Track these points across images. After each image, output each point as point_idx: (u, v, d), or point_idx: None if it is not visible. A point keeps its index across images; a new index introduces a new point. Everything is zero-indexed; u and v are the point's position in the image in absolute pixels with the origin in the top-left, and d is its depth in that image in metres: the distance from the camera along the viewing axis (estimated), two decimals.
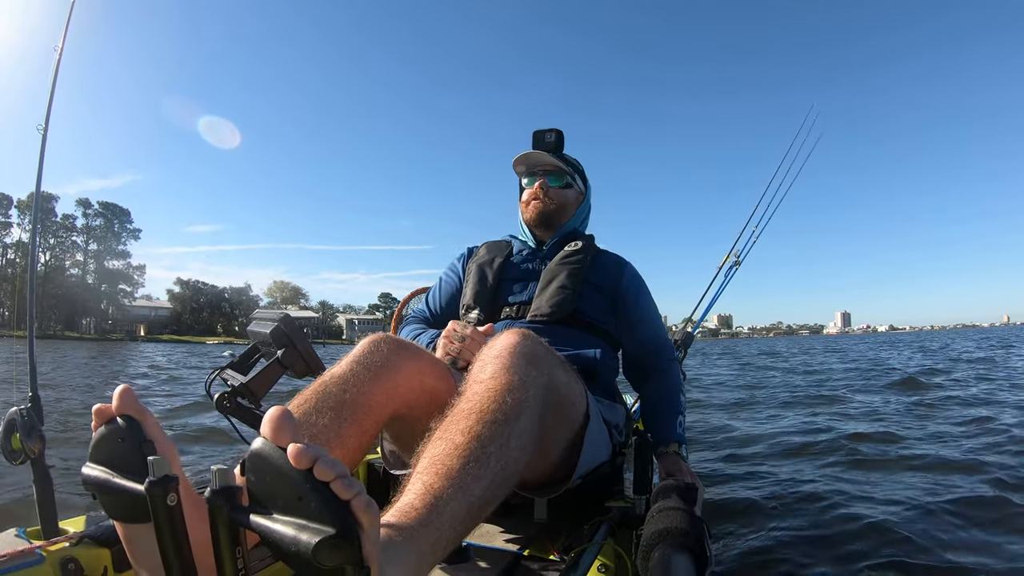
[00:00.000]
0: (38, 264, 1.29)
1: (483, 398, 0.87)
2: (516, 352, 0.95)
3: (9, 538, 0.94)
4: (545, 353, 1.01)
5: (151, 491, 0.61)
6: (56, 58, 1.25)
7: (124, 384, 0.72)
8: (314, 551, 0.52)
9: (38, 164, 1.20)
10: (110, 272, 64.17)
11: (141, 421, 0.70)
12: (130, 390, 0.71)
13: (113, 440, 0.70)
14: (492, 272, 1.55)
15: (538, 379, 0.94)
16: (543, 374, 0.96)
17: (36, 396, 1.05)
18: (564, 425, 1.10)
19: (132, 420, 0.70)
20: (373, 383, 0.97)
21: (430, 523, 0.70)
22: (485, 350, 0.99)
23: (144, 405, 0.73)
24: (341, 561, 0.53)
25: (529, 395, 0.90)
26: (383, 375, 0.98)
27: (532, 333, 1.02)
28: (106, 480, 0.69)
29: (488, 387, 0.89)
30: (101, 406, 0.71)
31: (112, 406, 0.71)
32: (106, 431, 0.71)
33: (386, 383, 0.98)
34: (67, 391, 6.66)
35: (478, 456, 0.79)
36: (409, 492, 0.74)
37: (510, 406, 0.86)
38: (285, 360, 1.27)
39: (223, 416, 1.25)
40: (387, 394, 0.98)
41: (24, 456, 0.98)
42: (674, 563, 0.85)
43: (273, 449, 0.56)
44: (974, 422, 4.08)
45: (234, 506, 0.58)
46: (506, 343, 0.97)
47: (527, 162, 1.61)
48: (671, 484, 1.05)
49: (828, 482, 2.70)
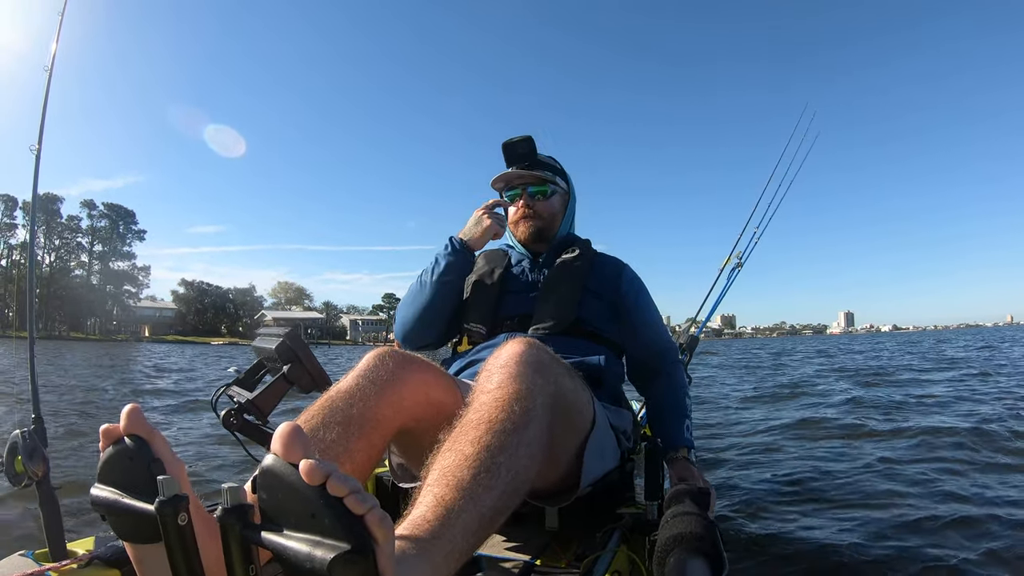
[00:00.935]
0: (43, 265, 1.29)
1: (491, 408, 0.86)
2: (522, 361, 0.95)
3: (17, 561, 0.93)
4: (551, 361, 1.00)
5: (161, 511, 0.61)
6: (46, 78, 1.26)
7: (132, 403, 0.72)
8: (329, 567, 0.52)
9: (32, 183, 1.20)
10: (115, 273, 64.37)
11: (149, 441, 0.70)
12: (138, 409, 0.71)
13: (121, 460, 0.69)
14: (492, 285, 1.53)
15: (545, 387, 0.94)
16: (550, 382, 0.96)
17: (39, 418, 1.05)
18: (572, 432, 1.09)
19: (140, 440, 0.69)
20: (379, 397, 0.96)
21: (443, 535, 0.69)
22: (491, 360, 0.98)
23: (152, 425, 0.72)
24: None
25: (537, 403, 0.90)
26: (389, 389, 0.97)
27: (537, 341, 1.02)
28: (115, 501, 0.69)
29: (496, 397, 0.88)
30: (108, 426, 0.71)
31: (120, 426, 0.70)
32: (114, 451, 0.70)
33: (392, 397, 0.97)
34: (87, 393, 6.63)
35: (488, 466, 0.78)
36: (420, 505, 0.74)
37: (518, 415, 0.86)
38: (291, 376, 1.26)
39: (230, 433, 1.24)
40: (394, 408, 0.97)
41: (28, 479, 0.97)
42: (690, 568, 0.84)
43: (285, 466, 0.56)
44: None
45: (246, 524, 0.58)
46: (512, 352, 0.97)
47: (505, 179, 1.59)
48: (684, 489, 1.04)
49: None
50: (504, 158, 1.56)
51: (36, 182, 1.23)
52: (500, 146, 1.55)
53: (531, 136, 1.54)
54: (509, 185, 1.60)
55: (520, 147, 1.53)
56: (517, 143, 1.53)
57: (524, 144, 1.53)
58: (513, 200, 1.60)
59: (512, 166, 1.56)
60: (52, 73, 1.30)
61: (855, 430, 4.03)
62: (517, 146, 1.53)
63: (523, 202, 1.57)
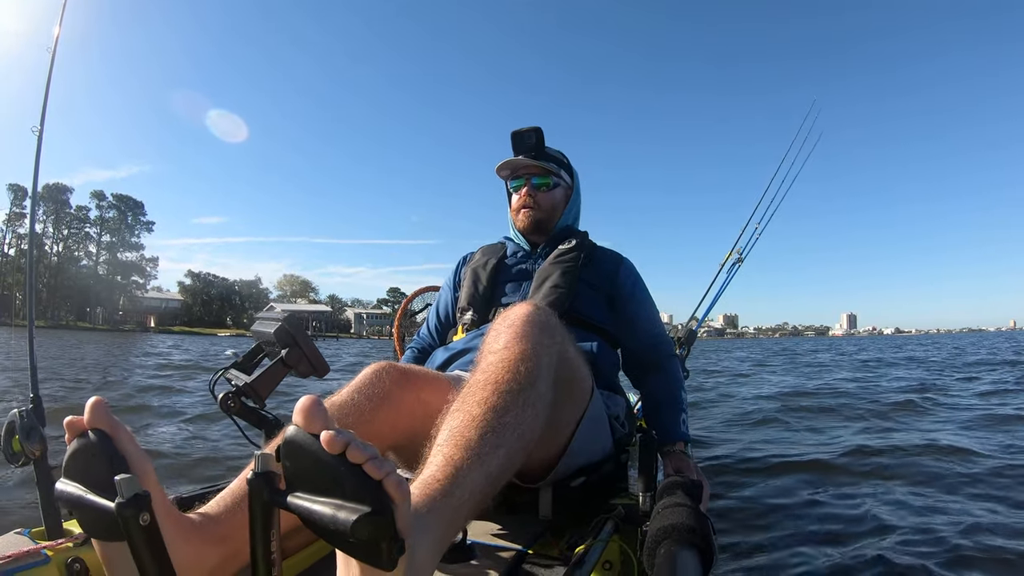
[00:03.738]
0: (51, 256, 1.30)
1: (498, 368, 0.88)
2: (529, 321, 0.96)
3: (14, 539, 0.94)
4: (558, 324, 1.01)
5: (122, 512, 0.60)
6: (49, 58, 1.26)
7: (96, 396, 0.70)
8: (352, 528, 0.55)
9: (34, 166, 1.20)
10: (123, 264, 64.94)
11: (112, 435, 0.69)
12: (102, 402, 0.70)
13: (85, 455, 0.68)
14: (486, 274, 1.55)
15: (551, 347, 0.95)
16: (556, 342, 0.97)
17: (37, 397, 1.05)
18: (571, 402, 1.11)
19: (103, 434, 0.68)
20: (374, 414, 0.97)
21: (452, 493, 0.72)
22: (498, 320, 1.00)
23: (117, 418, 0.70)
24: (378, 535, 0.56)
25: (543, 363, 0.92)
26: (384, 407, 0.99)
27: (544, 305, 1.03)
28: (79, 497, 0.67)
29: (502, 357, 0.90)
30: (72, 419, 0.70)
31: (83, 419, 0.69)
32: (78, 445, 0.69)
33: (388, 414, 0.99)
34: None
35: (495, 427, 0.81)
36: (431, 465, 0.76)
37: (523, 375, 0.88)
38: (289, 360, 1.27)
39: (227, 416, 1.25)
40: (389, 425, 0.99)
41: (25, 458, 0.98)
42: (680, 559, 0.84)
43: (306, 436, 0.59)
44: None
45: (273, 489, 0.61)
46: (519, 312, 0.98)
47: (510, 166, 1.60)
48: (677, 481, 1.04)
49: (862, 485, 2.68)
50: (512, 146, 1.57)
51: (38, 162, 1.23)
52: (509, 135, 1.56)
53: (540, 128, 1.55)
54: (514, 174, 1.62)
55: (528, 137, 1.55)
56: (526, 133, 1.55)
57: (532, 134, 1.55)
58: (516, 189, 1.61)
59: (519, 155, 1.57)
60: (55, 53, 1.30)
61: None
62: (525, 136, 1.55)
63: (526, 191, 1.58)
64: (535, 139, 1.55)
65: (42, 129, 1.23)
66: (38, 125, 1.23)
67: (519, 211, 1.60)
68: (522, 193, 1.59)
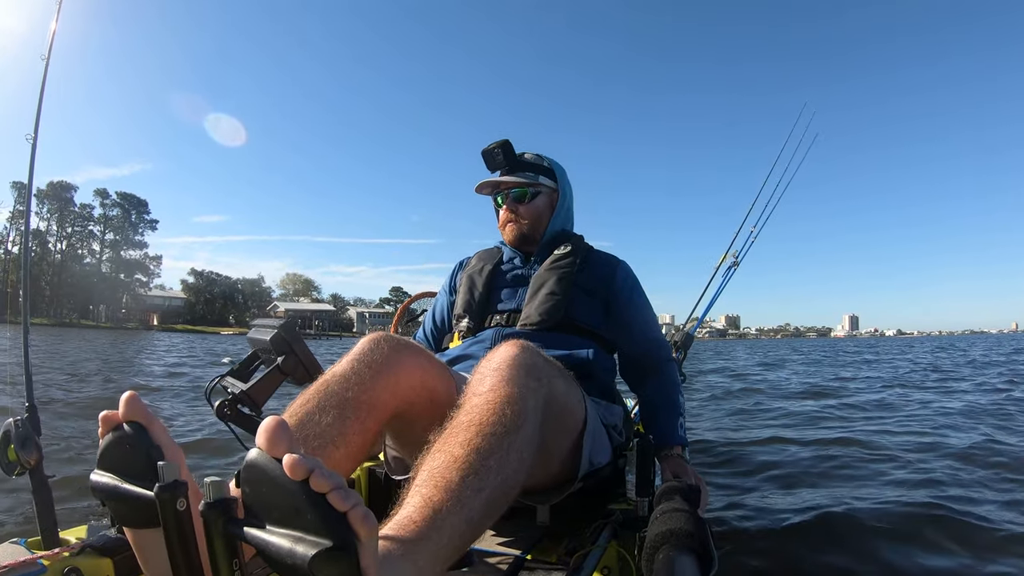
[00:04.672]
0: (55, 253, 1.30)
1: (483, 411, 0.86)
2: (515, 364, 0.94)
3: (10, 549, 0.94)
4: (544, 364, 1.00)
5: (161, 496, 0.61)
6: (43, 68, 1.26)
7: (130, 391, 0.72)
8: (311, 564, 0.51)
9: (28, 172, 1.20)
10: (127, 262, 64.78)
11: (148, 427, 0.71)
12: (136, 396, 0.71)
13: (121, 447, 0.70)
14: (481, 281, 1.55)
15: (538, 391, 0.94)
16: (543, 385, 0.96)
17: (33, 406, 1.05)
18: (564, 433, 1.10)
19: (139, 426, 0.70)
20: (375, 380, 0.96)
21: (429, 537, 0.69)
22: (483, 363, 0.98)
23: (151, 411, 0.73)
24: (338, 574, 0.52)
25: (528, 407, 0.90)
26: (384, 372, 0.98)
27: (531, 344, 1.02)
28: (115, 487, 0.70)
29: (487, 400, 0.88)
30: (108, 413, 0.72)
31: (119, 413, 0.71)
32: (113, 438, 0.71)
33: (387, 380, 0.98)
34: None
35: (477, 469, 0.78)
36: (408, 505, 0.73)
37: (509, 419, 0.85)
38: (285, 367, 1.27)
39: (223, 424, 1.25)
40: (389, 391, 0.98)
41: (21, 467, 0.97)
42: (678, 565, 0.84)
43: (268, 460, 0.55)
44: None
45: (230, 519, 0.58)
46: (505, 355, 0.96)
47: (488, 186, 1.60)
48: (675, 486, 1.04)
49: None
50: (485, 165, 1.57)
51: (32, 171, 1.23)
52: (509, 136, 1.56)
53: (508, 140, 1.54)
54: (494, 191, 1.62)
55: (496, 154, 1.54)
56: (493, 150, 1.54)
57: (499, 151, 1.53)
58: (500, 205, 1.61)
59: (494, 172, 1.57)
60: (49, 62, 1.30)
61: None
62: (494, 153, 1.54)
63: (506, 207, 1.58)
64: (502, 155, 1.53)
65: (36, 137, 1.23)
66: (32, 133, 1.22)
67: (504, 226, 1.60)
68: (504, 209, 1.59)
